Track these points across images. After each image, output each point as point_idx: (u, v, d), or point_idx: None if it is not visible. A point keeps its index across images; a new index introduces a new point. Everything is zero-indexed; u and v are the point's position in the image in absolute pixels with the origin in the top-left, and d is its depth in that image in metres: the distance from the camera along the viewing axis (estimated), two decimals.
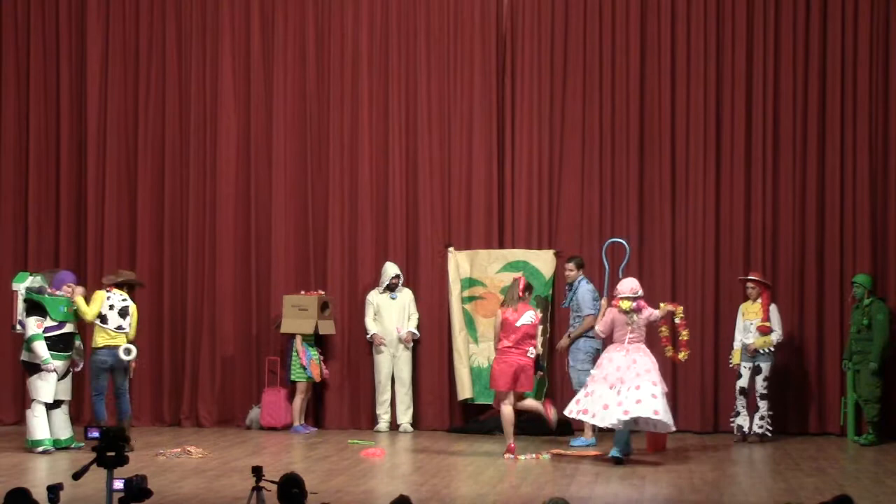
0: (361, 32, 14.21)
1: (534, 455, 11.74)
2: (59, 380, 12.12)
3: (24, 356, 12.16)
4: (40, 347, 11.93)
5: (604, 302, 12.07)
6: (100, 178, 14.37)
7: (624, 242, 12.72)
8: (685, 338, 12.05)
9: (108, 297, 12.22)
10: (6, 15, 14.55)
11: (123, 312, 12.26)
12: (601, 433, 12.41)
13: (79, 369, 12.56)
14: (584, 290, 12.70)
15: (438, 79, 14.12)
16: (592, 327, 12.25)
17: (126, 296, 12.33)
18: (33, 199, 14.45)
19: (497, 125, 14.02)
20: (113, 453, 6.23)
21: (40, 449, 11.88)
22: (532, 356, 11.74)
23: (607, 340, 11.75)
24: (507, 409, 11.77)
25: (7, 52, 14.55)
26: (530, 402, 11.95)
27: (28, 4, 14.53)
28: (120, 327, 12.21)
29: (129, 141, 14.41)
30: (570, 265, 12.84)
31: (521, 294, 11.83)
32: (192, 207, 14.28)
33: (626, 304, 11.56)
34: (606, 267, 12.55)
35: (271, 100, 14.28)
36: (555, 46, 13.95)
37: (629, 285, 11.70)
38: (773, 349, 12.89)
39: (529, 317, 11.77)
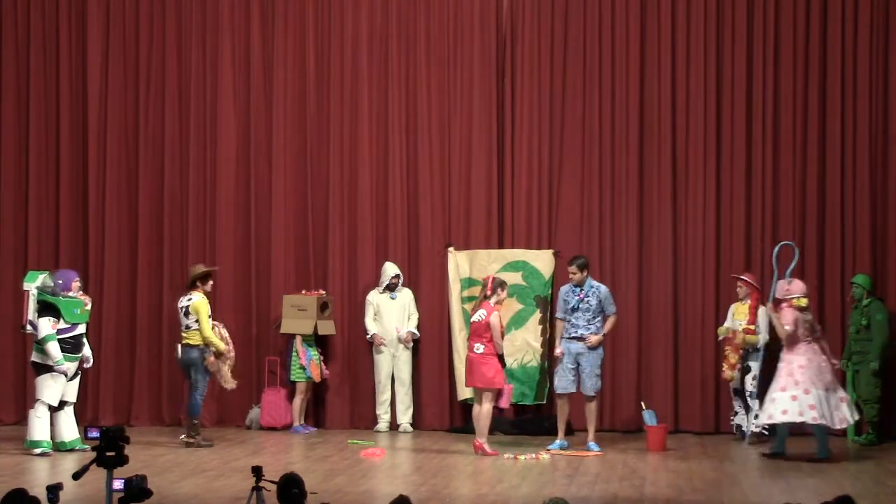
0: (361, 32, 14.20)
1: (534, 455, 11.74)
2: (68, 381, 12.12)
3: (34, 357, 12.08)
4: (53, 348, 11.88)
5: (770, 305, 12.01)
6: (100, 178, 14.37)
7: (792, 244, 12.62)
8: None
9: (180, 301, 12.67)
10: (6, 15, 14.54)
11: (186, 311, 12.49)
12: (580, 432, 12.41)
13: (88, 365, 12.56)
14: (606, 290, 12.49)
15: (438, 79, 14.12)
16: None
17: (191, 294, 12.53)
18: (33, 199, 14.44)
19: (497, 125, 14.02)
20: (113, 453, 6.22)
21: (38, 451, 11.84)
22: (479, 352, 11.90)
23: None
24: (475, 408, 12.11)
25: (7, 52, 14.54)
26: (484, 413, 12.01)
27: (28, 4, 14.52)
28: (188, 326, 12.48)
29: (129, 141, 14.42)
30: (573, 267, 12.42)
31: (487, 293, 12.01)
32: (191, 207, 14.28)
33: (804, 302, 11.79)
34: (776, 271, 12.27)
35: (271, 100, 14.28)
36: (555, 46, 13.95)
37: (802, 286, 11.90)
38: (759, 348, 12.86)
39: (479, 315, 11.99)
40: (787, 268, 12.25)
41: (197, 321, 12.37)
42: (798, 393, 11.44)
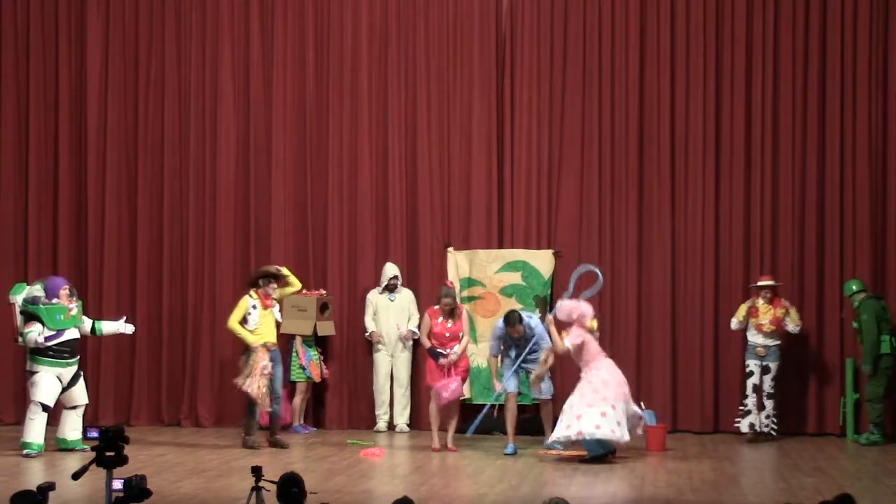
0: (361, 32, 14.21)
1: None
2: (69, 385, 12.14)
3: (28, 366, 12.18)
4: (29, 337, 11.89)
5: (550, 318, 11.95)
6: (100, 179, 14.37)
7: (599, 273, 12.43)
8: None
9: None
10: (6, 15, 14.54)
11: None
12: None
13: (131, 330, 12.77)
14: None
15: (438, 79, 14.12)
16: None
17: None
18: (33, 199, 14.45)
19: (497, 125, 14.02)
20: (112, 453, 6.22)
21: (26, 452, 11.88)
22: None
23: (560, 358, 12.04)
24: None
25: (7, 52, 14.55)
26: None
27: (28, 5, 14.53)
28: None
29: (129, 141, 14.42)
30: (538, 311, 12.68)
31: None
32: (191, 207, 14.29)
33: (595, 324, 11.85)
34: (570, 290, 12.13)
35: (271, 100, 14.28)
36: (555, 46, 13.95)
37: (591, 309, 11.88)
38: (780, 348, 12.94)
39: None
40: (584, 293, 12.13)
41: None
42: (607, 409, 11.44)
